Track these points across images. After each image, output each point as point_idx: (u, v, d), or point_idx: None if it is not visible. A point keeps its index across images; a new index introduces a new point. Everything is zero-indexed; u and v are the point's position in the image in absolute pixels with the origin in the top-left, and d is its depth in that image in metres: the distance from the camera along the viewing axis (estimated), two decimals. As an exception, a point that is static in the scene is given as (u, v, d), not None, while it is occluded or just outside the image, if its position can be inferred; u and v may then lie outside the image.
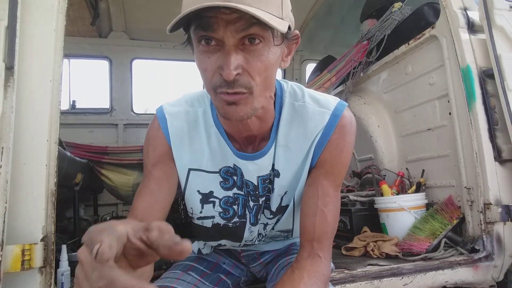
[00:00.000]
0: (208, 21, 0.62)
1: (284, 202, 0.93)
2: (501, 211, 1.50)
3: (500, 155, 1.55)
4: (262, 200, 0.91)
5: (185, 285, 0.99)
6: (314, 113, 0.83)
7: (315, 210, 0.82)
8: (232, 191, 0.90)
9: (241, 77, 0.65)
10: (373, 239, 1.74)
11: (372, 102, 2.42)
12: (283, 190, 0.90)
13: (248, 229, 0.96)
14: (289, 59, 0.77)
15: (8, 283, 0.97)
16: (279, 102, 0.85)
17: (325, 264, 0.82)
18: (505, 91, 1.53)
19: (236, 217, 0.93)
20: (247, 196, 0.91)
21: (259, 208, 0.92)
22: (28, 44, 1.07)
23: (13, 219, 0.98)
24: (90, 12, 2.83)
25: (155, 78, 3.74)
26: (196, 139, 0.86)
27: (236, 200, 0.91)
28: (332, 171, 0.85)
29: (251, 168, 0.86)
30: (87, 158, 2.30)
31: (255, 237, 1.00)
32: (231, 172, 0.88)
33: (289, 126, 0.85)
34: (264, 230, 0.99)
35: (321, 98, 0.86)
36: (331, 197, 0.83)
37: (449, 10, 1.68)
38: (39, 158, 1.05)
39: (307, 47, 3.73)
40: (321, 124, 0.83)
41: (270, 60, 0.67)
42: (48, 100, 1.08)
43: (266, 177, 0.88)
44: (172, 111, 0.88)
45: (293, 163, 0.87)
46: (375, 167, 2.29)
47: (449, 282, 1.45)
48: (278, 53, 0.70)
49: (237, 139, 0.85)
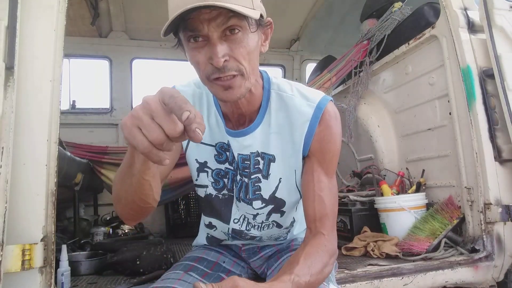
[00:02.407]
0: (192, 22, 0.73)
1: (279, 193, 0.98)
2: (501, 211, 1.50)
3: (500, 155, 1.55)
4: (245, 180, 0.98)
5: (186, 285, 0.99)
6: (301, 105, 0.92)
7: (313, 196, 0.91)
8: (224, 165, 1.00)
9: (229, 63, 0.76)
10: (373, 239, 1.74)
11: (372, 102, 2.42)
12: (278, 176, 0.96)
13: (235, 204, 1.02)
14: (267, 44, 0.87)
15: (8, 283, 0.97)
16: (267, 91, 0.95)
17: (328, 239, 0.88)
18: (505, 91, 1.53)
19: (225, 190, 1.02)
20: (235, 171, 0.99)
21: (242, 186, 0.99)
22: (28, 44, 1.07)
23: (13, 219, 0.98)
24: (90, 12, 2.82)
25: (155, 78, 3.74)
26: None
27: (226, 174, 1.00)
28: (324, 160, 0.93)
29: (235, 145, 0.95)
30: (87, 158, 2.30)
31: (242, 220, 1.04)
32: (225, 148, 0.98)
33: (278, 114, 0.94)
34: (254, 220, 1.03)
35: (307, 92, 0.95)
36: (325, 183, 0.92)
37: (449, 10, 1.68)
38: (39, 158, 1.05)
39: (307, 47, 3.73)
40: (307, 115, 0.91)
41: (251, 45, 0.78)
42: (48, 100, 1.08)
43: (246, 157, 0.96)
44: (182, 89, 1.00)
45: (286, 149, 0.95)
46: (375, 167, 2.29)
47: (449, 282, 1.45)
48: (256, 38, 0.80)
49: (231, 119, 0.96)
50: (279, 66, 3.81)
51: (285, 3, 3.15)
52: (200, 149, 0.99)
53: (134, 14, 3.14)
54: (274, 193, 0.98)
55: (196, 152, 1.00)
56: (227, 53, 0.75)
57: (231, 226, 1.05)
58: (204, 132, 0.89)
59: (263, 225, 1.04)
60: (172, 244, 2.10)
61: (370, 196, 1.99)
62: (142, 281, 1.32)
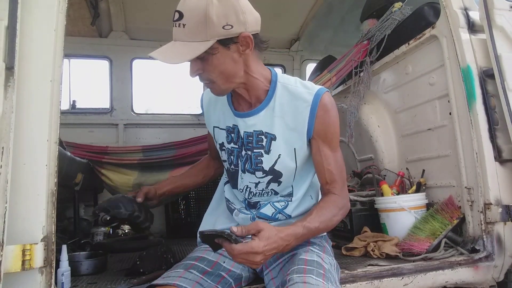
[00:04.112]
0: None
1: (278, 166, 1.15)
2: (501, 211, 1.50)
3: (500, 155, 1.55)
4: (248, 153, 1.17)
5: (187, 282, 1.00)
6: (303, 93, 1.12)
7: (323, 170, 1.14)
8: (230, 145, 1.21)
9: (201, 75, 1.06)
10: (373, 239, 1.74)
11: (372, 102, 2.42)
12: (278, 152, 1.14)
13: (240, 175, 1.21)
14: (247, 51, 1.04)
15: (8, 283, 0.97)
16: (274, 82, 1.15)
17: (338, 196, 1.13)
18: (505, 91, 1.53)
19: (233, 165, 1.22)
20: (240, 148, 1.19)
21: (247, 159, 1.18)
22: (28, 44, 1.07)
23: (13, 219, 0.98)
24: (90, 12, 2.82)
25: (155, 78, 3.73)
26: (216, 105, 1.26)
27: (232, 152, 1.21)
28: (326, 138, 1.13)
29: (241, 124, 1.16)
30: (87, 158, 2.30)
31: (246, 188, 1.21)
32: (231, 130, 1.20)
33: (282, 101, 1.13)
34: (256, 188, 1.20)
35: (307, 84, 1.15)
36: (331, 157, 1.14)
37: (449, 10, 1.68)
38: (39, 158, 1.05)
39: (307, 47, 3.73)
40: (308, 101, 1.11)
41: (220, 62, 1.02)
42: (48, 100, 1.08)
43: (249, 134, 1.16)
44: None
45: (287, 129, 1.13)
46: (375, 167, 2.29)
47: (449, 282, 1.45)
48: (227, 53, 1.02)
49: (240, 103, 1.19)
50: (279, 66, 3.80)
51: (285, 3, 3.15)
52: (218, 133, 1.26)
53: (134, 14, 3.14)
54: (273, 166, 1.15)
55: (217, 136, 1.27)
56: (200, 68, 1.04)
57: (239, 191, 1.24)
58: (221, 118, 1.24)
59: (263, 192, 1.21)
60: (172, 244, 2.10)
61: (370, 196, 1.99)
62: (142, 281, 1.32)
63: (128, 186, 2.31)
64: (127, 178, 2.33)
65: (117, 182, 2.32)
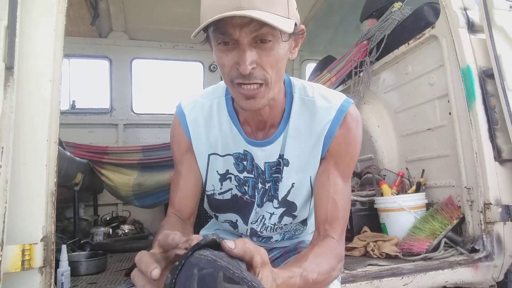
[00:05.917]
0: (224, 25, 0.72)
1: (291, 197, 0.97)
2: (501, 211, 1.50)
3: (500, 155, 1.55)
4: (268, 185, 0.98)
5: None
6: (322, 108, 0.90)
7: (326, 197, 0.88)
8: (242, 174, 0.98)
9: (255, 70, 0.76)
10: (373, 239, 1.74)
11: (372, 102, 2.42)
12: (290, 180, 0.95)
13: (254, 209, 1.01)
14: (296, 51, 0.86)
15: (8, 283, 0.97)
16: (289, 95, 0.93)
17: (338, 244, 0.86)
18: (505, 91, 1.53)
19: (247, 196, 1.01)
20: (256, 179, 0.98)
21: (265, 192, 0.99)
22: (28, 44, 1.07)
23: (13, 219, 0.98)
24: (90, 12, 2.82)
25: (155, 78, 3.73)
26: (211, 127, 0.97)
27: (246, 182, 0.99)
28: (341, 162, 0.90)
29: (260, 154, 0.94)
30: (87, 158, 2.30)
31: (259, 222, 1.03)
32: (241, 158, 0.97)
33: (298, 118, 0.92)
34: (270, 220, 1.02)
35: (329, 95, 0.93)
36: (340, 186, 0.89)
37: (449, 10, 1.68)
38: (39, 158, 1.05)
39: (307, 47, 3.73)
40: (327, 118, 0.89)
41: (280, 55, 0.77)
42: (48, 100, 1.07)
43: (273, 164, 0.95)
44: (189, 105, 0.98)
45: (302, 154, 0.93)
46: (375, 167, 2.29)
47: (449, 282, 1.45)
48: (286, 47, 0.80)
49: (250, 124, 0.94)
50: (279, 66, 3.80)
51: (285, 3, 3.15)
52: (218, 161, 0.98)
53: (134, 14, 3.14)
54: (286, 196, 0.97)
55: (216, 165, 0.99)
56: (255, 60, 0.75)
57: (249, 226, 1.06)
58: (219, 143, 0.96)
59: (275, 227, 1.04)
60: (172, 244, 2.09)
61: (370, 196, 1.99)
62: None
63: (128, 186, 2.31)
64: (127, 178, 2.33)
65: (117, 182, 2.32)
